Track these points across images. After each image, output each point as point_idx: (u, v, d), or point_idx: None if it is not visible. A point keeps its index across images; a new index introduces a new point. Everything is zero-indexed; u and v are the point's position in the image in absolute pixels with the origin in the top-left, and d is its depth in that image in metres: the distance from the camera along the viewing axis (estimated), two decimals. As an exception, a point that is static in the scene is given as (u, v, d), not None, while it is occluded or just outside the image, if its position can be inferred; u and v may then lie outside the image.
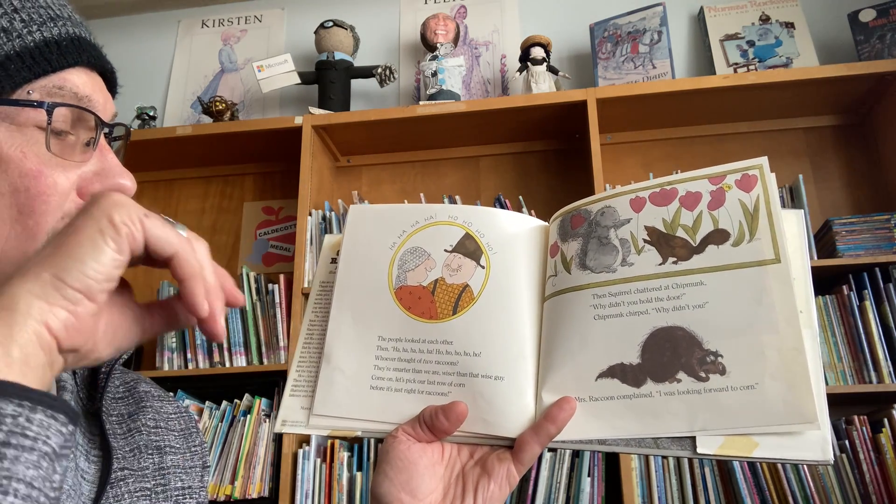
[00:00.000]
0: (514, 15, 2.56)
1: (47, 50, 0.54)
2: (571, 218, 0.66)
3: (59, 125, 0.54)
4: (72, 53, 0.56)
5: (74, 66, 0.56)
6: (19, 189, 0.52)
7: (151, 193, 2.56)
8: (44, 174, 0.53)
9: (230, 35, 2.74)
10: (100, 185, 0.56)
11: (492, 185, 2.37)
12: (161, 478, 0.65)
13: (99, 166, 0.57)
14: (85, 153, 0.56)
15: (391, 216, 0.71)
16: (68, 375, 0.62)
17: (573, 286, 0.63)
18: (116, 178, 0.57)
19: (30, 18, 0.55)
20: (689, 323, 0.57)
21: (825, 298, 1.86)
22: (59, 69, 0.55)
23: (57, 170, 0.54)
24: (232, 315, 2.09)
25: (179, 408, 0.73)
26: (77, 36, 0.57)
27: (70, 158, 0.55)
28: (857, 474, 1.72)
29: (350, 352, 0.66)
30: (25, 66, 0.53)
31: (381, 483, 0.60)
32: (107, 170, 0.57)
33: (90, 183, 0.56)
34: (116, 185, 0.57)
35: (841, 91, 2.09)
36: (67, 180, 0.54)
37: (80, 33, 0.58)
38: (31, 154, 0.53)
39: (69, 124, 0.55)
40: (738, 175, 0.60)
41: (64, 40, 0.56)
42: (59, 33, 0.56)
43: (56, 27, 0.56)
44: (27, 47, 0.53)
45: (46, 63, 0.54)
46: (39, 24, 0.55)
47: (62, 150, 0.54)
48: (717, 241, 0.59)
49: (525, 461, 0.59)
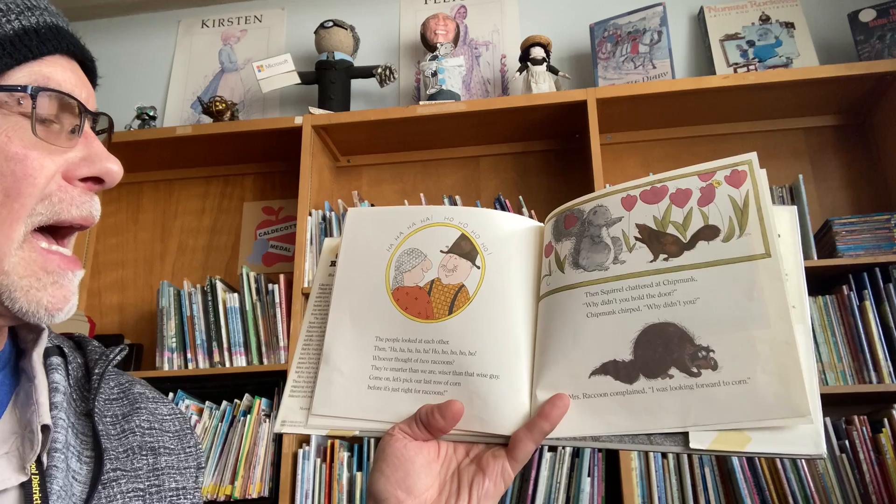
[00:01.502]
0: (514, 15, 2.56)
1: (27, 37, 0.55)
2: (565, 218, 0.66)
3: (44, 113, 0.55)
4: (51, 41, 0.56)
5: (54, 54, 0.57)
6: (4, 173, 0.52)
7: (151, 193, 2.57)
8: (29, 157, 0.53)
9: (230, 35, 2.74)
10: (87, 169, 0.57)
11: (492, 185, 2.37)
12: (155, 478, 0.66)
13: (85, 152, 0.57)
14: (71, 140, 0.56)
15: (388, 218, 0.72)
16: (61, 377, 0.62)
17: (567, 285, 0.63)
18: (104, 162, 0.58)
19: (7, 8, 0.55)
20: (681, 319, 0.57)
21: (825, 298, 1.86)
22: (40, 56, 0.55)
23: (43, 153, 0.54)
24: (232, 315, 2.10)
25: (174, 409, 0.74)
26: (55, 24, 0.58)
27: (56, 143, 0.55)
28: (857, 474, 1.71)
29: (348, 352, 0.67)
30: (6, 52, 0.53)
31: (378, 480, 0.61)
32: (93, 155, 0.57)
33: (77, 167, 0.56)
34: (104, 168, 0.58)
35: (841, 91, 2.09)
36: (53, 163, 0.55)
37: (58, 22, 0.58)
38: (16, 138, 0.53)
39: (54, 113, 0.56)
40: (727, 171, 0.61)
41: (42, 28, 0.56)
42: (38, 21, 0.56)
43: (34, 16, 0.56)
44: (7, 35, 0.54)
45: (27, 50, 0.54)
46: (17, 14, 0.55)
47: (47, 136, 0.55)
48: (707, 237, 0.59)
49: (520, 458, 0.60)
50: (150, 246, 2.51)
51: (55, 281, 0.56)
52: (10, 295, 0.53)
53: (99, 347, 0.69)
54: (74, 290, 0.58)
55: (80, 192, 0.57)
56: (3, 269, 0.53)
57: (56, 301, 0.56)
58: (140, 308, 2.42)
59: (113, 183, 0.59)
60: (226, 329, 2.09)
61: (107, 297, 2.45)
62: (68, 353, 0.66)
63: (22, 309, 0.54)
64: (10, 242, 0.53)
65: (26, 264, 0.54)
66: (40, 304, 0.55)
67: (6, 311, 0.55)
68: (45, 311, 0.55)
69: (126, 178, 2.56)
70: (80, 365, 0.67)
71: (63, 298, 0.56)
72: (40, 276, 0.55)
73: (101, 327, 2.38)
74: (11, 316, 0.55)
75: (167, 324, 2.12)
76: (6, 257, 0.53)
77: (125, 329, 2.39)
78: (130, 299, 2.44)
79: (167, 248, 2.50)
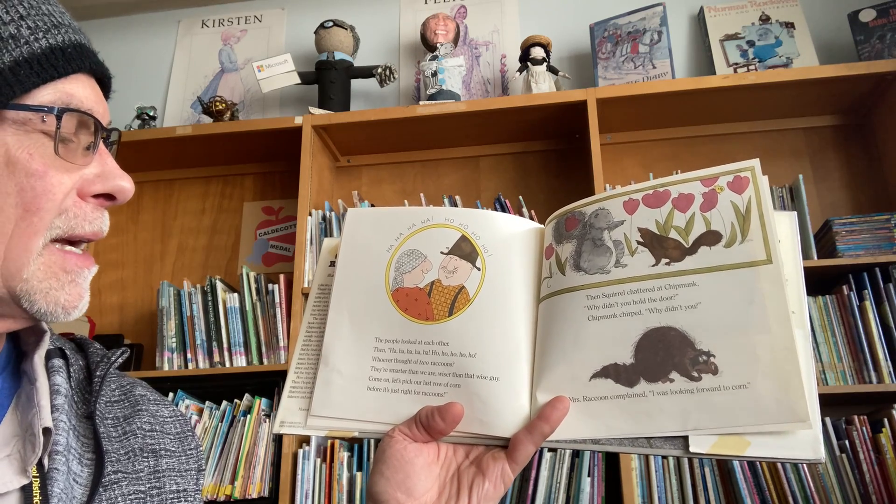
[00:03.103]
0: (514, 15, 2.56)
1: (53, 56, 0.56)
2: (566, 220, 0.66)
3: (65, 131, 0.56)
4: (76, 60, 0.58)
5: (78, 73, 0.58)
6: (25, 189, 0.54)
7: (151, 193, 2.57)
8: (49, 174, 0.55)
9: (230, 35, 2.74)
10: (100, 186, 0.58)
11: (492, 185, 2.37)
12: (156, 481, 0.66)
13: (99, 169, 0.59)
14: (86, 157, 0.58)
15: (388, 219, 0.72)
16: (63, 379, 0.63)
17: (567, 287, 0.63)
18: (117, 179, 0.59)
19: (35, 26, 0.56)
20: (682, 323, 0.57)
21: (825, 298, 1.86)
22: (65, 75, 0.57)
23: (61, 171, 0.56)
24: (232, 315, 2.10)
25: (175, 412, 0.74)
26: (79, 43, 0.59)
27: (73, 161, 0.57)
28: (857, 474, 1.72)
29: (347, 353, 0.67)
30: (34, 72, 0.55)
31: (378, 482, 0.61)
32: (107, 172, 0.59)
33: (91, 184, 0.58)
34: (117, 186, 0.59)
35: (841, 91, 2.09)
36: (70, 180, 0.56)
37: (82, 40, 0.60)
38: (38, 156, 0.55)
39: (72, 131, 0.57)
40: (730, 177, 0.61)
41: (68, 47, 0.58)
42: (63, 40, 0.58)
43: (60, 34, 0.58)
44: (34, 54, 0.55)
45: (53, 69, 0.56)
46: (45, 31, 0.56)
47: (66, 154, 0.56)
48: (709, 243, 0.59)
49: (519, 461, 0.60)
50: (150, 246, 2.51)
51: (72, 280, 0.57)
52: (30, 298, 0.55)
53: (100, 350, 0.70)
54: (87, 288, 0.59)
55: (93, 208, 0.58)
56: (23, 277, 0.54)
57: (72, 299, 0.57)
58: (140, 308, 2.42)
59: (124, 200, 0.61)
60: (226, 329, 2.09)
61: (107, 298, 2.45)
62: (70, 355, 0.67)
63: (41, 310, 0.56)
64: (30, 254, 0.55)
65: (46, 268, 0.56)
66: (58, 304, 0.56)
67: (23, 314, 0.56)
68: (62, 309, 0.57)
69: (126, 178, 2.50)
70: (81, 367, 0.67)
71: (78, 296, 0.58)
72: (59, 277, 0.56)
73: (101, 327, 2.38)
74: (29, 317, 0.57)
75: (167, 324, 2.12)
76: (25, 267, 0.54)
77: (125, 329, 2.39)
78: (130, 299, 2.44)
79: (167, 248, 2.50)
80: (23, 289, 0.55)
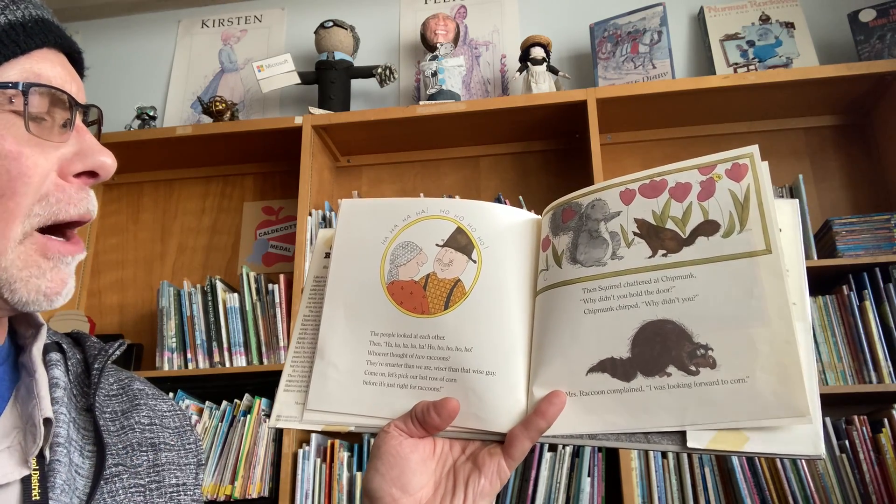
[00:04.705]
0: (514, 15, 2.56)
1: (13, 32, 0.54)
2: (562, 211, 0.65)
3: (36, 109, 0.54)
4: (38, 35, 0.56)
5: (42, 48, 0.56)
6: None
7: (151, 193, 2.56)
8: (24, 155, 0.53)
9: (230, 35, 2.74)
10: (80, 164, 0.56)
11: (492, 185, 2.37)
12: (156, 474, 0.65)
13: (78, 147, 0.57)
14: (63, 134, 0.56)
15: (383, 211, 0.71)
16: (61, 372, 0.62)
17: (564, 280, 0.62)
18: (97, 155, 0.57)
19: None
20: (679, 316, 0.56)
21: (825, 298, 1.86)
22: (28, 50, 0.55)
23: (36, 150, 0.54)
24: (232, 315, 2.09)
25: (174, 406, 0.73)
26: (42, 18, 0.57)
27: (49, 139, 0.55)
28: (857, 474, 1.71)
29: (343, 347, 0.66)
30: None
31: (373, 478, 0.60)
32: (86, 149, 0.57)
33: (70, 163, 0.56)
34: (97, 162, 0.57)
35: (841, 91, 2.09)
36: (47, 161, 0.54)
37: (44, 15, 0.58)
38: (9, 136, 0.53)
39: (45, 109, 0.55)
40: (728, 164, 0.59)
41: (29, 22, 0.55)
42: (23, 15, 0.55)
43: (19, 9, 0.56)
44: None
45: (14, 45, 0.54)
46: (2, 8, 0.55)
47: (40, 132, 0.54)
48: (707, 233, 0.58)
49: (516, 456, 0.59)
50: (150, 246, 2.51)
51: (54, 266, 0.56)
52: (10, 287, 0.53)
53: (98, 343, 0.69)
54: (71, 274, 0.57)
55: (77, 188, 0.56)
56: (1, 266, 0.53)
57: (54, 285, 0.56)
58: (140, 308, 2.42)
59: (107, 176, 0.58)
60: (226, 329, 2.08)
61: (107, 297, 2.45)
62: (67, 349, 0.66)
63: (22, 299, 0.54)
64: (7, 241, 0.52)
65: (26, 256, 0.54)
66: (39, 291, 0.55)
67: (4, 304, 0.55)
68: (44, 296, 0.55)
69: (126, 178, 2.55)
70: (79, 360, 0.67)
71: (60, 282, 0.56)
72: (41, 264, 0.55)
73: (101, 327, 2.38)
74: (10, 308, 0.55)
75: (167, 324, 2.12)
76: (3, 255, 0.53)
77: (125, 329, 2.39)
78: (130, 299, 2.44)
79: (167, 248, 2.50)
80: (2, 277, 0.53)
